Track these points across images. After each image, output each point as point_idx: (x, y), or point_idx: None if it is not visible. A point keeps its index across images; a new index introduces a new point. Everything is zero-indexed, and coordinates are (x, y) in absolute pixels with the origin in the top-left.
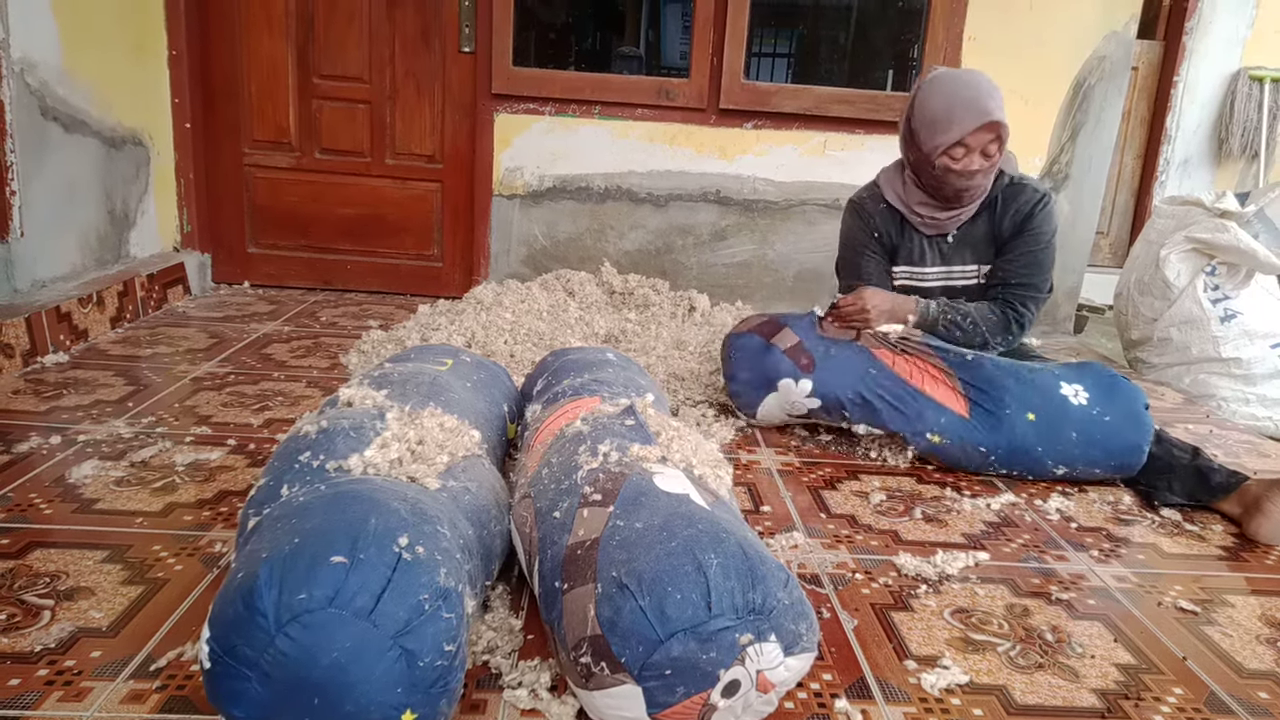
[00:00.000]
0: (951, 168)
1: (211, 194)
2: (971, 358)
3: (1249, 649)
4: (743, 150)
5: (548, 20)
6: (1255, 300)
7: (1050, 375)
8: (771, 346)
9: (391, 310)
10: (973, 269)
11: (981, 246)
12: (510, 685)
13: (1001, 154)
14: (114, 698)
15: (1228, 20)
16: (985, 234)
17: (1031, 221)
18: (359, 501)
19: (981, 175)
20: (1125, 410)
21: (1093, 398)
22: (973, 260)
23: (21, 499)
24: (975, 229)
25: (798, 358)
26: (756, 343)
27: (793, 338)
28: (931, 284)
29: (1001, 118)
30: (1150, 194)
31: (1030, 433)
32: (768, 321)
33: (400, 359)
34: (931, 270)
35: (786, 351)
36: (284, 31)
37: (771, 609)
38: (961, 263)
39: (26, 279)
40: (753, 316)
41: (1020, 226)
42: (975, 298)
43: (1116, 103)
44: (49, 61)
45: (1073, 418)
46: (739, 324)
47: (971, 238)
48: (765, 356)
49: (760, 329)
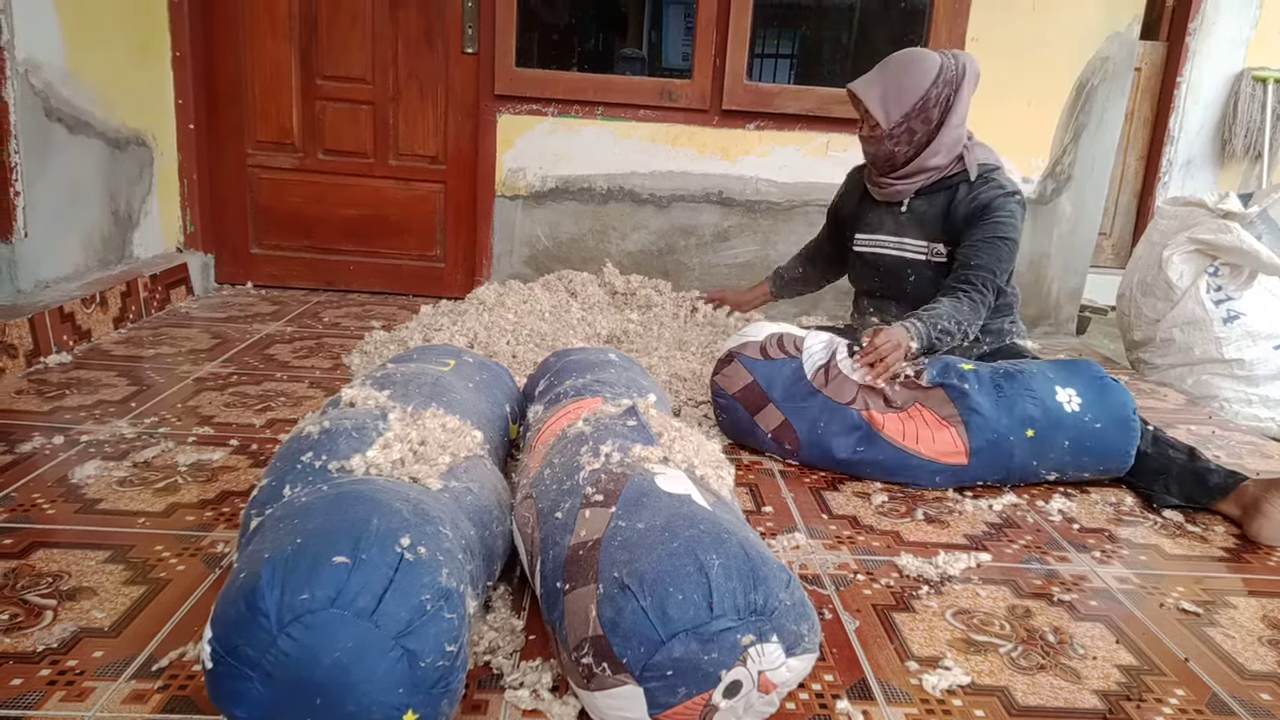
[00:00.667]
0: (860, 130)
1: (215, 195)
2: (975, 380)
3: (1251, 650)
4: (745, 151)
5: (550, 21)
6: (1258, 301)
7: (1046, 379)
8: (755, 424)
9: (394, 311)
10: (922, 244)
11: (931, 224)
12: (512, 686)
13: (885, 129)
14: (116, 698)
15: (1231, 21)
16: (939, 214)
17: (990, 211)
18: (361, 502)
19: (865, 143)
20: (1115, 416)
21: (1085, 403)
22: (922, 236)
23: (24, 499)
24: (929, 206)
25: (782, 440)
26: (741, 416)
27: (777, 416)
28: (886, 251)
29: (859, 92)
30: (1153, 195)
31: (1028, 448)
32: (750, 389)
33: (402, 359)
34: (888, 239)
35: (772, 433)
36: (287, 33)
37: (773, 610)
38: (913, 236)
39: (30, 279)
40: (735, 359)
41: (977, 214)
42: (919, 273)
43: (1119, 103)
44: (53, 62)
45: (1066, 426)
46: (720, 366)
47: (924, 214)
48: (750, 433)
49: (745, 397)
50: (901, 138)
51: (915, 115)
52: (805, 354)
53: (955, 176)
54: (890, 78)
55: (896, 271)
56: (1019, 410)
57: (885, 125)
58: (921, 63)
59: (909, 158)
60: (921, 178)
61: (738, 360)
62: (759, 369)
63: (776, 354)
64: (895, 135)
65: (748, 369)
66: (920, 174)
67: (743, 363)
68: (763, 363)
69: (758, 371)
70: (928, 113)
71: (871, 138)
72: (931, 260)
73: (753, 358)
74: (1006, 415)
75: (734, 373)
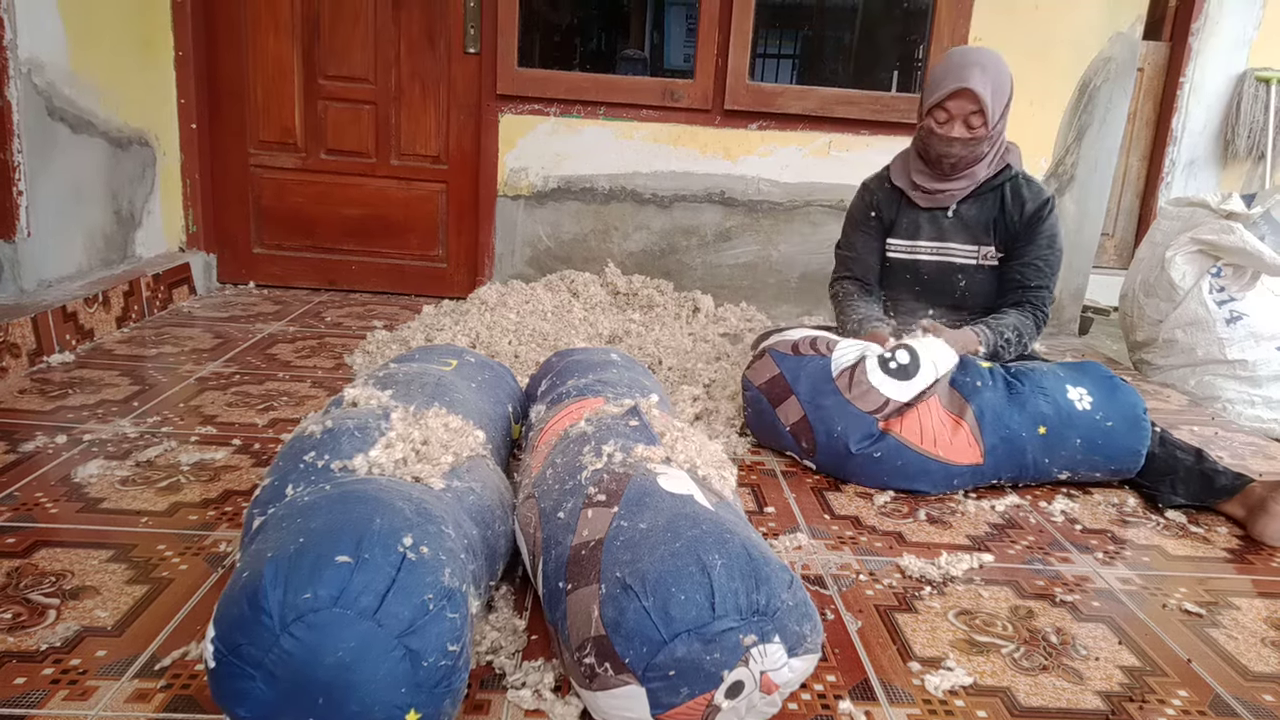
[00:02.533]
0: (935, 130)
1: (217, 194)
2: (989, 377)
3: (1254, 652)
4: (747, 151)
5: (553, 22)
6: (1261, 302)
7: (1056, 378)
8: (776, 419)
9: (396, 311)
10: (972, 249)
11: (982, 229)
12: (514, 686)
13: (987, 130)
14: (119, 697)
15: (1234, 21)
16: (990, 219)
17: (1043, 225)
18: (364, 501)
19: (960, 145)
20: (1126, 415)
21: (1096, 402)
22: (971, 241)
23: (27, 498)
24: (979, 211)
25: (799, 437)
26: (764, 408)
27: (797, 410)
28: (926, 257)
29: (978, 89)
30: (1156, 195)
31: (1040, 445)
32: (775, 381)
33: (405, 359)
34: (927, 244)
35: (790, 429)
36: (290, 32)
37: (775, 610)
38: (960, 241)
39: (33, 279)
40: (767, 353)
41: (1032, 228)
42: (970, 278)
43: (1122, 104)
44: (56, 62)
45: (1078, 424)
46: (753, 360)
47: (973, 218)
48: (772, 427)
49: (769, 389)
50: (995, 138)
51: (1004, 113)
52: (835, 354)
53: (999, 176)
54: (990, 74)
55: (943, 277)
56: (1031, 407)
57: (991, 123)
58: (1000, 58)
59: (983, 158)
60: (972, 181)
61: (769, 354)
62: (787, 362)
63: (808, 351)
64: (993, 135)
65: (776, 362)
66: (972, 176)
67: (773, 356)
68: (792, 358)
69: (785, 365)
70: (1008, 110)
71: (972, 139)
72: (983, 264)
73: (784, 353)
74: (1019, 412)
75: (763, 365)
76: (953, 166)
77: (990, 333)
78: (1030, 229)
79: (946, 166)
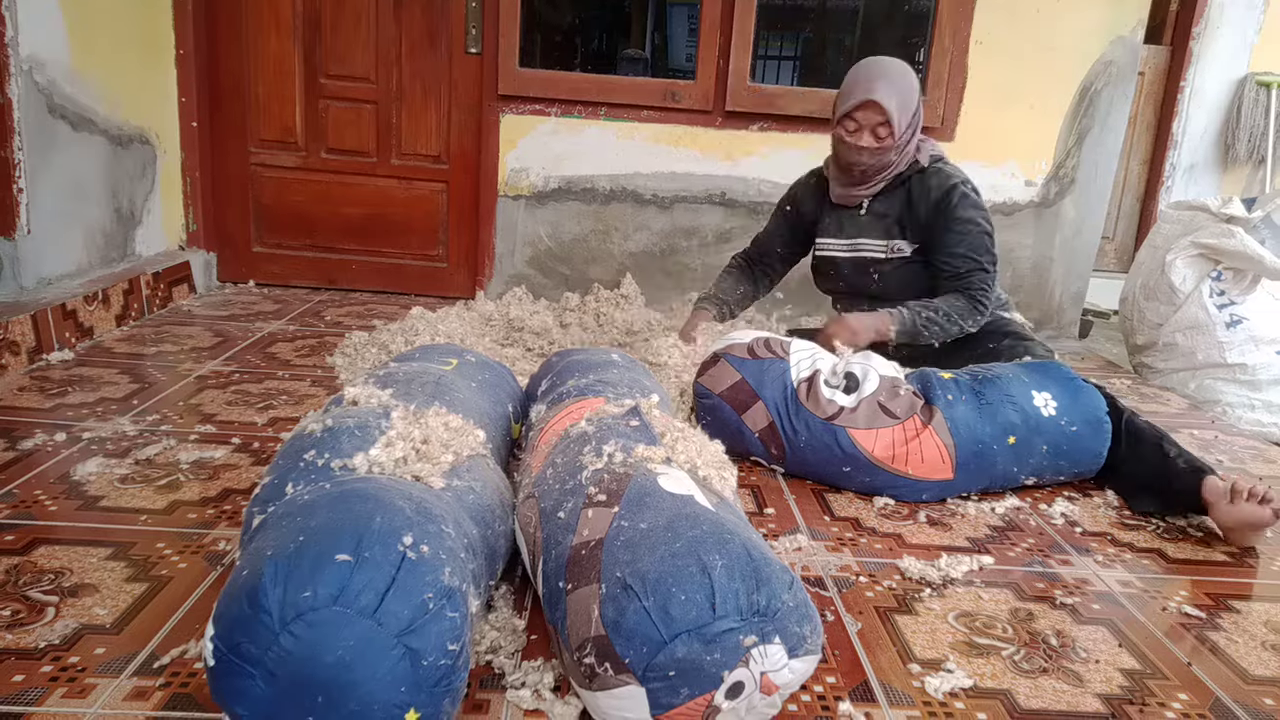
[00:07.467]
0: (844, 139)
1: (217, 193)
2: (955, 389)
3: (1254, 655)
4: (747, 152)
5: (554, 22)
6: (1261, 305)
7: (1022, 383)
8: (743, 424)
9: (395, 310)
10: (883, 243)
11: (891, 224)
12: (513, 685)
13: (894, 139)
14: (117, 695)
15: (1235, 25)
16: (898, 213)
17: (954, 210)
18: (364, 500)
19: (869, 154)
20: (1088, 418)
21: (1060, 406)
22: (883, 235)
23: (26, 495)
24: (886, 205)
25: (768, 443)
26: (727, 415)
27: (765, 416)
28: (843, 254)
29: (884, 101)
30: (1156, 199)
31: (1010, 455)
32: (738, 387)
33: (405, 358)
34: (844, 241)
35: (759, 434)
36: (291, 31)
37: (776, 611)
38: (872, 236)
39: (33, 276)
40: (721, 359)
41: (942, 216)
42: (883, 271)
43: (1123, 107)
44: (57, 60)
45: (1045, 431)
46: (705, 367)
47: (882, 214)
48: (738, 434)
49: (731, 396)
50: (903, 146)
51: (913, 123)
52: (791, 358)
53: (907, 171)
54: (895, 85)
55: (860, 272)
56: (1001, 418)
57: (898, 134)
58: (908, 69)
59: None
60: (882, 181)
61: (724, 360)
62: (747, 367)
63: (765, 354)
64: (900, 144)
65: (735, 367)
66: (882, 178)
67: (730, 361)
68: (751, 362)
69: (746, 370)
70: (918, 119)
71: (880, 148)
72: (893, 257)
73: (740, 357)
74: (990, 424)
75: (720, 372)
76: (862, 174)
77: (908, 312)
78: (940, 217)
79: (856, 173)
